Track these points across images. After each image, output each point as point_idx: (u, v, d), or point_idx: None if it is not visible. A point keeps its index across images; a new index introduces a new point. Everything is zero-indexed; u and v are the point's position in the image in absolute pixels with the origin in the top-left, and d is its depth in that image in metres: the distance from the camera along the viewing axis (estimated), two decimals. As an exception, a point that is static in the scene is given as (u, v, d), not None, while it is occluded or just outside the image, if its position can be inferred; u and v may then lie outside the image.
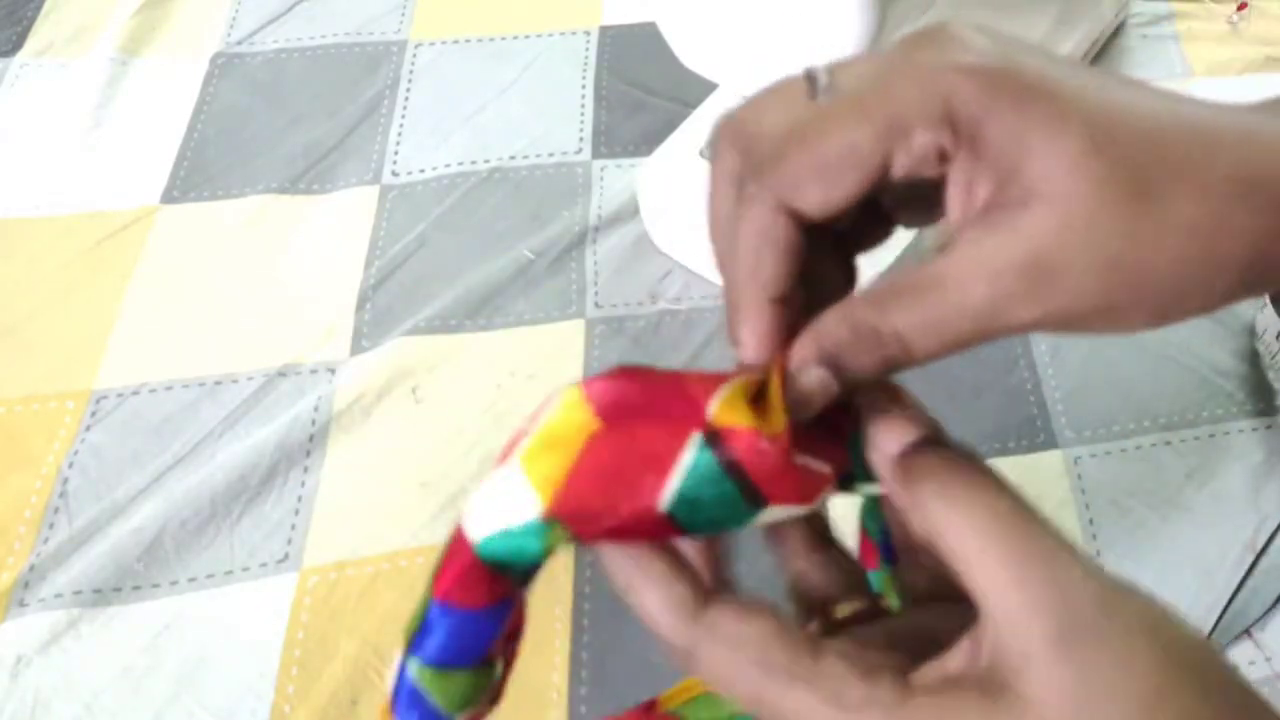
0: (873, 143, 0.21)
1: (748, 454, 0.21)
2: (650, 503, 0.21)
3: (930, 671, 0.20)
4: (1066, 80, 0.21)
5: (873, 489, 0.23)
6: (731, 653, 0.21)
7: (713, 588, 0.22)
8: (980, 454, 0.22)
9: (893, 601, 0.25)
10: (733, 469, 0.21)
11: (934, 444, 0.22)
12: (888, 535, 0.26)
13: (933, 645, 0.21)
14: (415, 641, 0.22)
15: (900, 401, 0.23)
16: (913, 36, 0.23)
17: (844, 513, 0.27)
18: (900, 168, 0.21)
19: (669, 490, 0.21)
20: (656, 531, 0.21)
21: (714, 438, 0.21)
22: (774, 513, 0.22)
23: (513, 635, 0.24)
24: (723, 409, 0.21)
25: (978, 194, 0.21)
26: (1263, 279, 0.21)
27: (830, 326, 0.22)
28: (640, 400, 0.21)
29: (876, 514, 0.26)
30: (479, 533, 0.21)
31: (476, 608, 0.22)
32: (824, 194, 0.21)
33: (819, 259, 0.24)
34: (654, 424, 0.21)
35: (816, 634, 0.22)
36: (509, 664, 0.25)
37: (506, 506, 0.21)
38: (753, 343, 0.23)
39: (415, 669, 0.22)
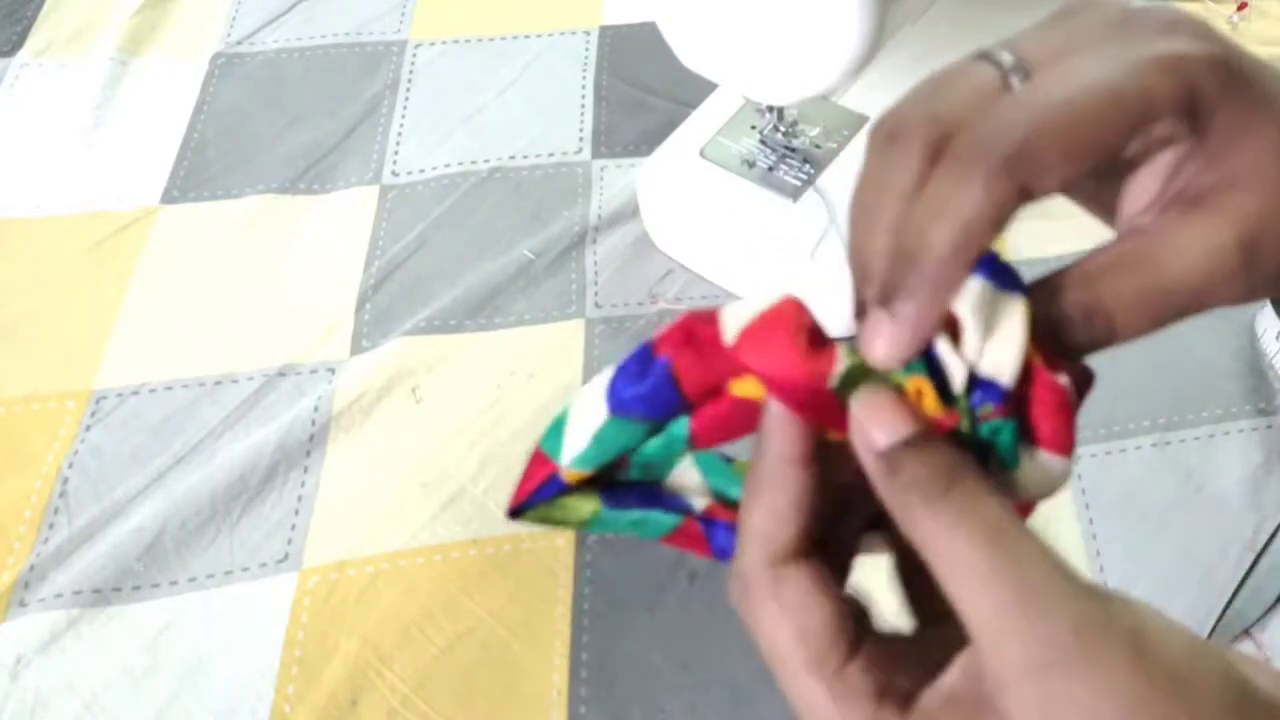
0: (1124, 128, 0.21)
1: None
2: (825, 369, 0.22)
3: (931, 694, 0.21)
4: (1255, 63, 0.22)
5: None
6: (778, 615, 0.22)
7: (801, 543, 0.22)
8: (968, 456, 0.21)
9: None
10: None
11: (923, 442, 0.21)
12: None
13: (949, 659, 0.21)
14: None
15: (892, 400, 0.22)
16: (1096, 14, 0.23)
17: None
18: (1131, 151, 0.22)
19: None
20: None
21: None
22: None
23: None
24: None
25: (1181, 177, 0.22)
26: None
27: (1038, 306, 0.22)
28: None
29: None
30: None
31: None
32: (1064, 175, 0.21)
33: None
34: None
35: (858, 632, 0.22)
36: None
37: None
38: (922, 324, 0.21)
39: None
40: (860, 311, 0.23)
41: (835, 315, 0.26)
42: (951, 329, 0.22)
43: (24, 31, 0.80)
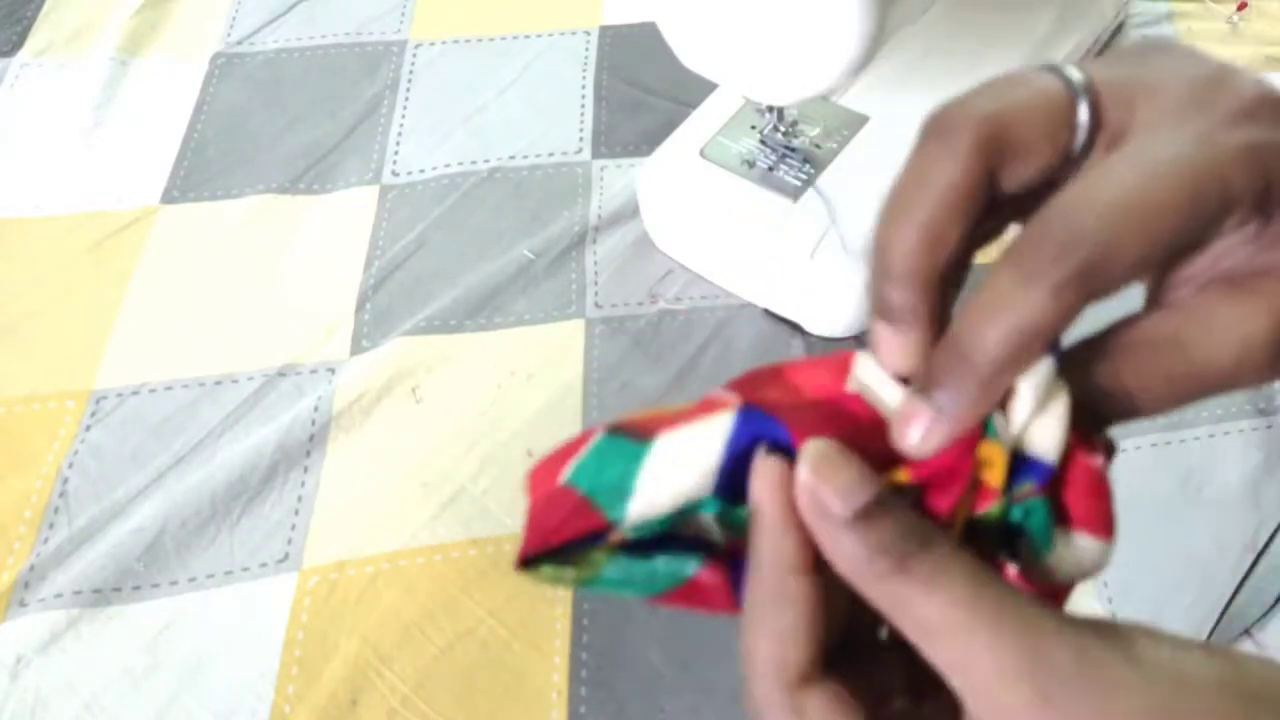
0: (1202, 227, 0.20)
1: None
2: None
3: None
4: None
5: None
6: None
7: (815, 663, 0.21)
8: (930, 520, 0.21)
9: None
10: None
11: (884, 507, 0.20)
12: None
13: None
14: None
15: (845, 458, 0.20)
16: (1160, 58, 0.22)
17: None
18: (1206, 240, 0.21)
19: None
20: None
21: None
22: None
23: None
24: None
25: (1231, 258, 0.21)
26: None
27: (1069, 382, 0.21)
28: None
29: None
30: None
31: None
32: (1133, 279, 0.20)
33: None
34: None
35: None
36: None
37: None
38: (976, 411, 0.21)
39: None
40: (877, 309, 0.22)
41: (835, 315, 0.26)
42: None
43: (24, 31, 0.80)
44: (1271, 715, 0.18)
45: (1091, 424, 0.22)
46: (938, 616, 0.19)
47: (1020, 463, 0.21)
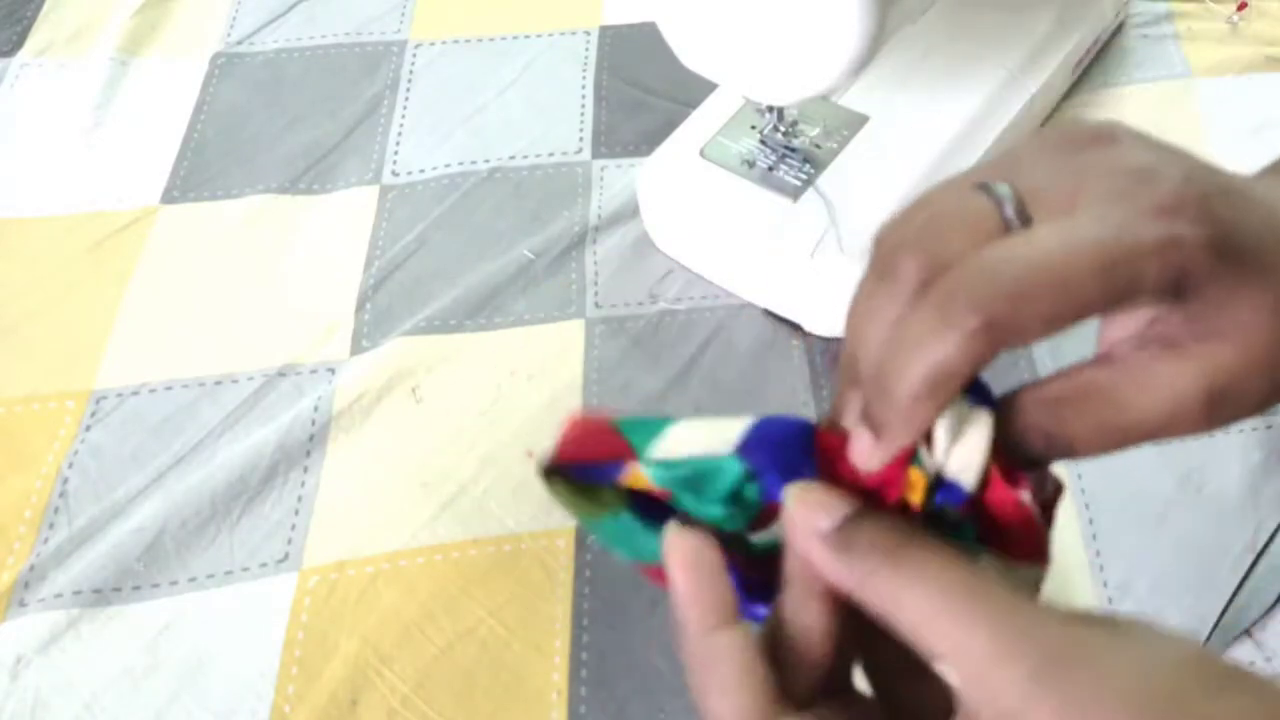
0: (1108, 301, 0.21)
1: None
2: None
3: None
4: (1260, 228, 0.22)
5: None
6: (705, 674, 0.23)
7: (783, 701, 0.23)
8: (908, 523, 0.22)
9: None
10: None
11: (863, 515, 0.22)
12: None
13: None
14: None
15: (820, 487, 0.23)
16: (1094, 154, 0.23)
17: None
18: (1116, 309, 0.22)
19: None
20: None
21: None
22: None
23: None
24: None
25: (1163, 324, 0.23)
26: None
27: (1003, 423, 0.23)
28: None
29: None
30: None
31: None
32: (1040, 336, 0.21)
33: None
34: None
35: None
36: None
37: None
38: (896, 446, 0.23)
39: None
40: (867, 420, 0.23)
41: (835, 315, 0.26)
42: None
43: (24, 31, 0.80)
44: (1249, 690, 0.20)
45: (1027, 462, 0.23)
46: (929, 604, 0.20)
47: (942, 486, 0.23)
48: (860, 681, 0.26)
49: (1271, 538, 0.52)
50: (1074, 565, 0.51)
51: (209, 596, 0.52)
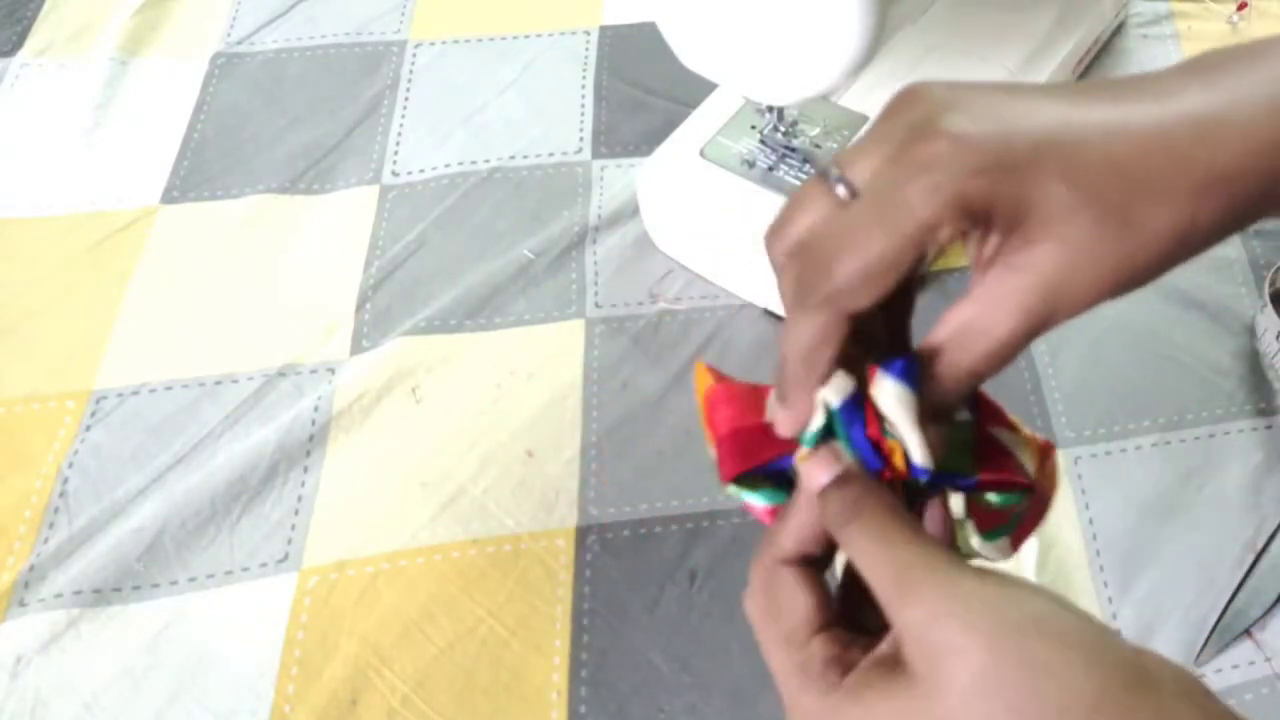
0: (910, 249, 0.25)
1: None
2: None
3: (866, 659, 0.26)
4: (1044, 132, 0.25)
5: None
6: (766, 597, 0.27)
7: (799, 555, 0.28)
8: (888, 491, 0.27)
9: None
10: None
11: (845, 479, 0.27)
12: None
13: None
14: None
15: (829, 449, 0.27)
16: (900, 119, 0.26)
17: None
18: (931, 253, 0.26)
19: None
20: None
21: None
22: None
23: None
24: None
25: (987, 248, 0.26)
26: (1232, 228, 0.26)
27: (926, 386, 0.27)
28: None
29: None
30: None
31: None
32: (873, 296, 0.25)
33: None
34: None
35: (833, 614, 0.27)
36: None
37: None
38: (798, 414, 0.28)
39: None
40: (780, 398, 0.28)
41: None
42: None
43: (24, 31, 0.80)
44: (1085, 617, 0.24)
45: (953, 407, 0.27)
46: (865, 556, 0.26)
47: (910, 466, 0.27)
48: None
49: (1271, 538, 0.52)
50: (1074, 565, 0.51)
51: (209, 596, 0.52)
